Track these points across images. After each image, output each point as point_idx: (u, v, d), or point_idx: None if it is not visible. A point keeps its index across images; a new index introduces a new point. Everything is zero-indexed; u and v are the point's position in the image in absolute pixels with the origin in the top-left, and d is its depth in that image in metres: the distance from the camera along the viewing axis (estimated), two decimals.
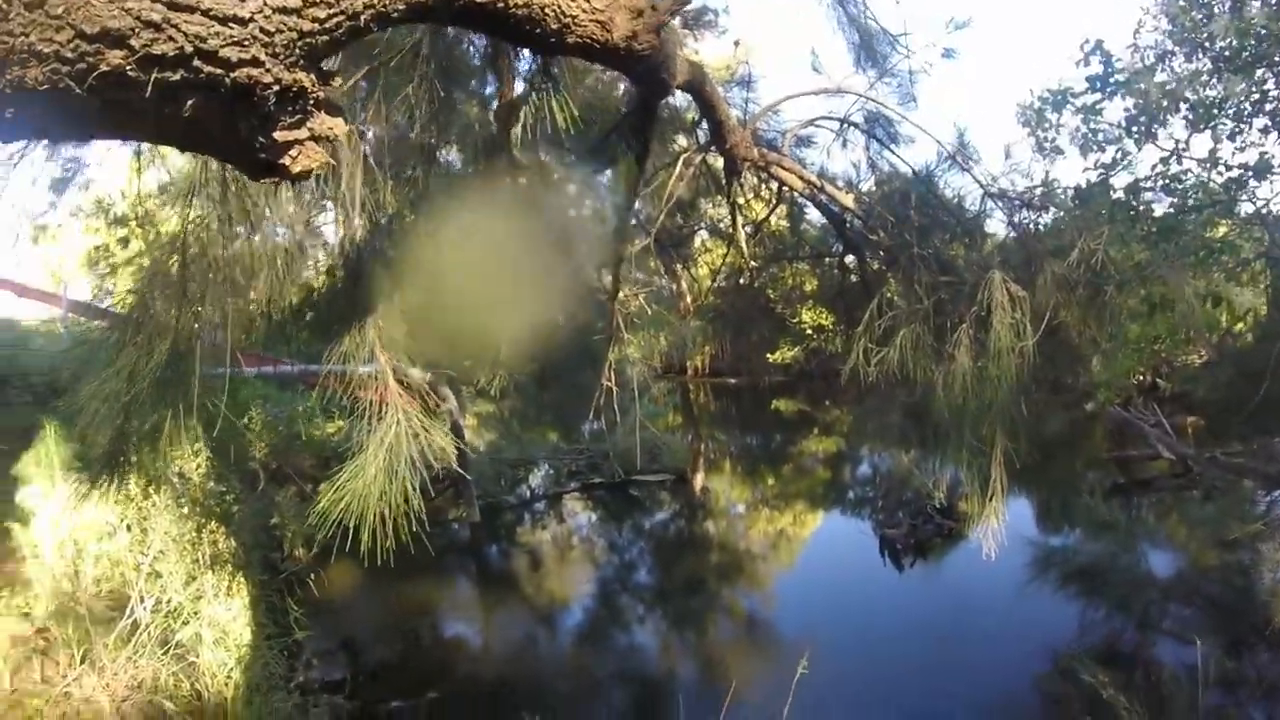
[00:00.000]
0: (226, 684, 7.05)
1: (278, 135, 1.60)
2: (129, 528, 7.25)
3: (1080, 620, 9.67)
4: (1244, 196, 8.65)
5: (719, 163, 6.30)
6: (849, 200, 5.36)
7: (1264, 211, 8.80)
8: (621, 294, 6.17)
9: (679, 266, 12.47)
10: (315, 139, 1.66)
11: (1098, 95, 8.39)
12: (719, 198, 7.83)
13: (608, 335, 6.21)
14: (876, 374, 4.77)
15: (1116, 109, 8.65)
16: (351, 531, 3.06)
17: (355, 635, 10.64)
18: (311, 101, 1.61)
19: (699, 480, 19.26)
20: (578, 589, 13.07)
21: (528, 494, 18.03)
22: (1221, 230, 9.28)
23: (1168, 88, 8.04)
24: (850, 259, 7.18)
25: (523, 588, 13.25)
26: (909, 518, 13.40)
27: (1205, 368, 19.52)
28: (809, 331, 27.29)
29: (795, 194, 5.89)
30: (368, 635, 10.70)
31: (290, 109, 1.58)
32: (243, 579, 8.27)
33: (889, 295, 5.71)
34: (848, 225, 6.30)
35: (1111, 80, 8.28)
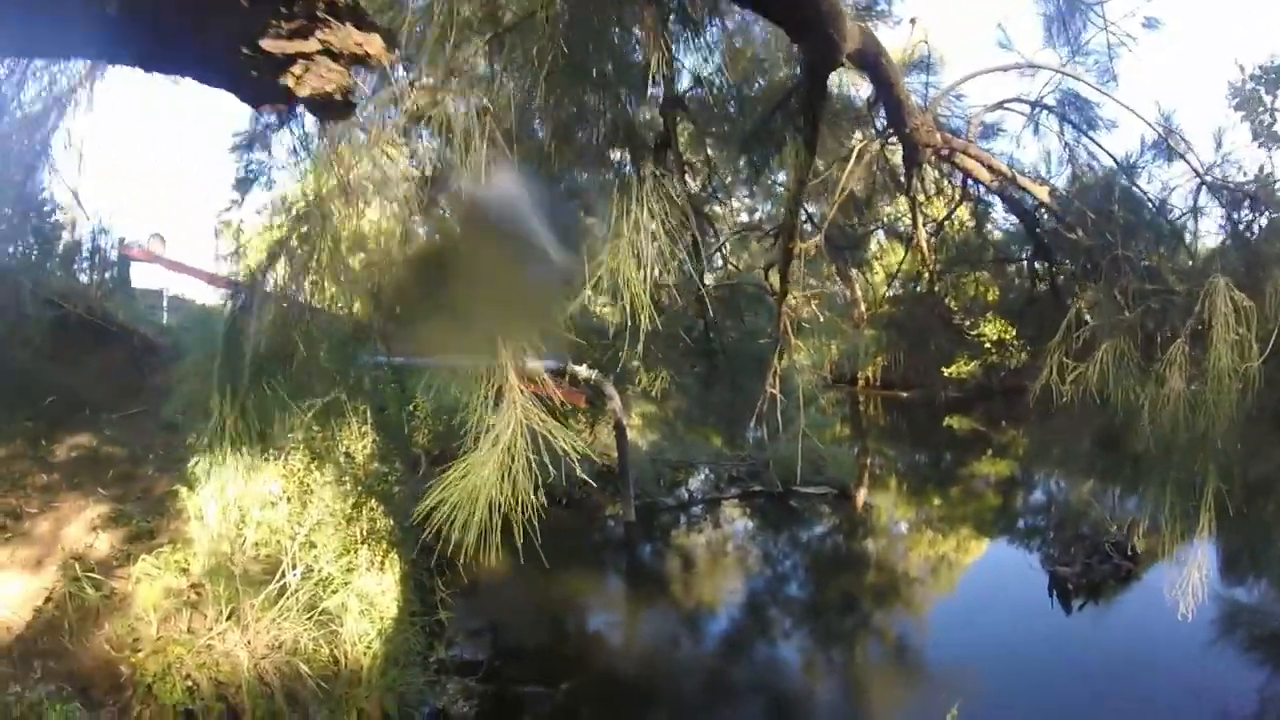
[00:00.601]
0: (366, 654, 7.18)
1: (267, 44, 1.28)
2: (289, 499, 7.49)
3: (1262, 692, 8.51)
4: None
5: (897, 156, 5.82)
6: (1043, 193, 4.75)
7: None
8: (791, 297, 5.79)
9: (853, 271, 11.96)
10: (333, 55, 1.34)
11: None
12: (897, 196, 7.27)
13: (775, 338, 5.85)
14: (1071, 394, 4.18)
15: None
16: (501, 521, 2.87)
17: (498, 620, 10.75)
18: (323, 5, 1.30)
19: (862, 496, 18.51)
20: (726, 596, 12.79)
21: (686, 496, 17.78)
22: None
23: None
24: (1041, 264, 6.52)
25: (670, 589, 13.12)
26: (1083, 555, 12.23)
27: None
28: (989, 345, 25.79)
29: (981, 188, 5.30)
30: (511, 621, 10.80)
31: (285, 9, 1.27)
32: (396, 556, 8.45)
33: (1084, 306, 5.06)
34: (1039, 225, 5.67)
35: None
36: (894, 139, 4.69)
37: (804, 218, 5.48)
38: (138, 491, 7.91)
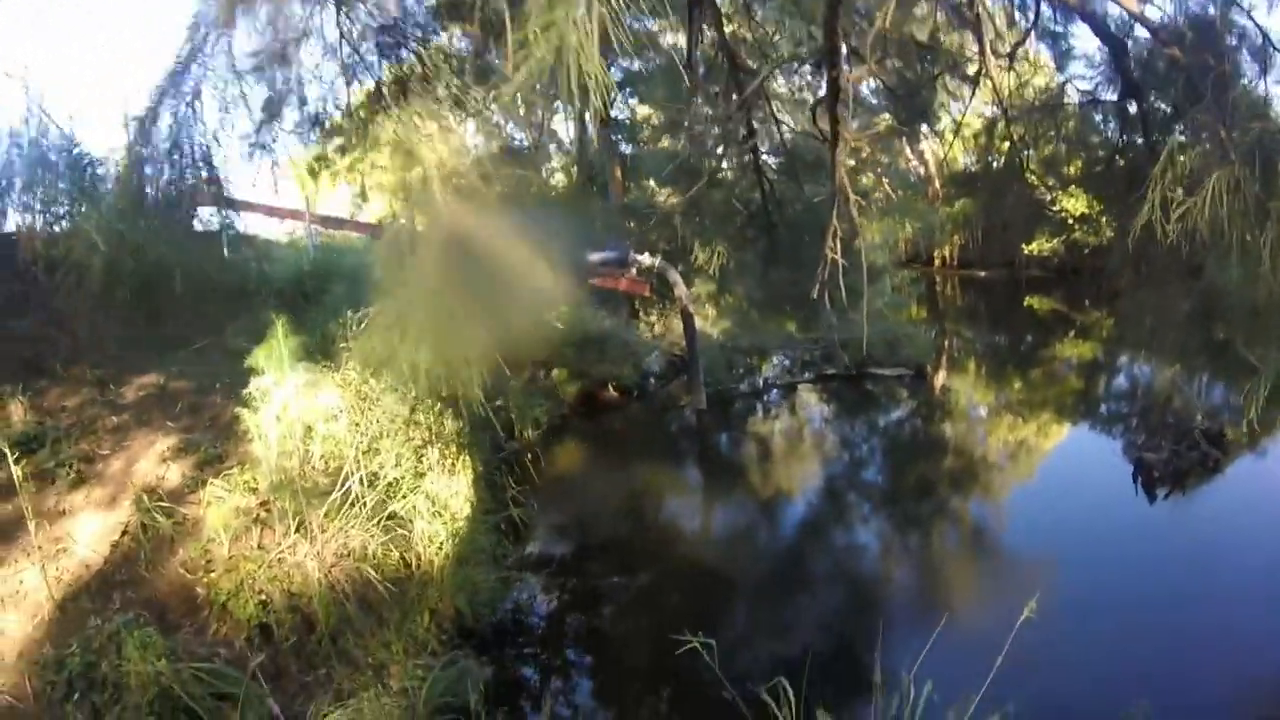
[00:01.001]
0: (438, 555, 7.19)
1: None
2: (348, 410, 7.43)
3: None
4: None
5: None
6: (1133, 2, 4.11)
7: None
8: (848, 147, 5.27)
9: (925, 143, 11.19)
10: None
11: None
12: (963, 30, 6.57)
13: (830, 197, 5.36)
14: (1171, 244, 3.67)
15: None
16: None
17: (574, 515, 10.85)
18: None
19: (940, 378, 18.03)
20: (800, 483, 12.58)
21: (760, 383, 17.68)
22: None
23: None
24: (1131, 105, 5.89)
25: (744, 477, 12.95)
26: (1170, 442, 11.48)
27: None
28: (1071, 221, 24.46)
29: (1058, 9, 4.66)
30: (586, 516, 10.82)
31: None
32: (467, 457, 8.49)
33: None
34: (1127, 53, 5.03)
35: None
36: None
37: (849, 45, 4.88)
38: (205, 421, 8.02)
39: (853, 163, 10.26)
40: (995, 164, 13.64)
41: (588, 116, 18.76)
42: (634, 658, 7.41)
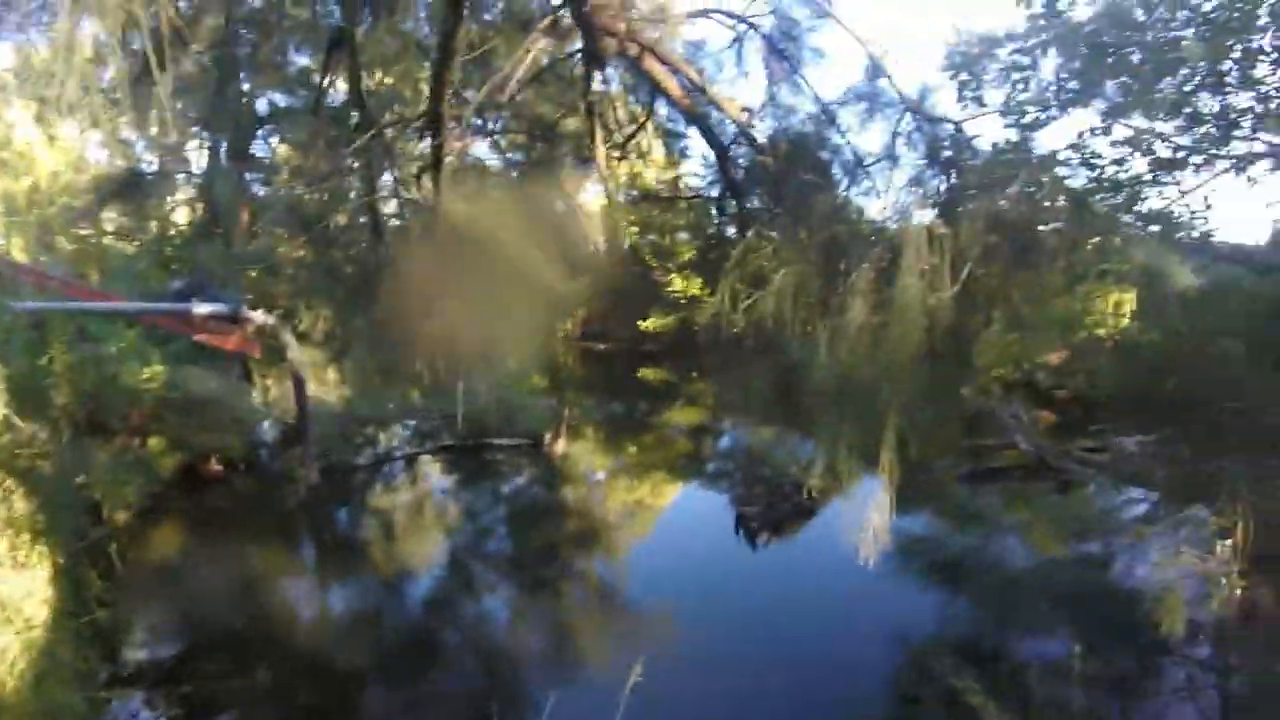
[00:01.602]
0: (10, 674, 5.77)
1: None
2: None
3: (941, 612, 9.25)
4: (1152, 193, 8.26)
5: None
6: (735, 110, 4.35)
7: (1166, 211, 8.34)
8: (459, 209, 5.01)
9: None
10: None
11: (1026, 59, 7.78)
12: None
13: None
14: (749, 335, 3.83)
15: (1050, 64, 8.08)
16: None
17: (173, 613, 9.45)
18: None
19: (560, 446, 18.32)
20: (421, 557, 12.06)
21: (379, 455, 16.66)
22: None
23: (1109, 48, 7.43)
24: (731, 202, 6.27)
25: (362, 556, 12.10)
26: (766, 495, 12.85)
27: (1070, 363, 20.26)
28: (682, 300, 26.73)
29: (671, 106, 4.82)
30: (188, 612, 9.41)
31: None
32: (43, 548, 6.94)
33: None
34: (728, 155, 5.34)
35: (1050, 27, 7.62)
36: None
37: (465, 106, 4.69)
38: None
39: None
40: (624, 244, 14.29)
41: (223, 148, 17.02)
42: None
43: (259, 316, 12.44)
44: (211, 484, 13.64)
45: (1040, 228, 4.13)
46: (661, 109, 5.58)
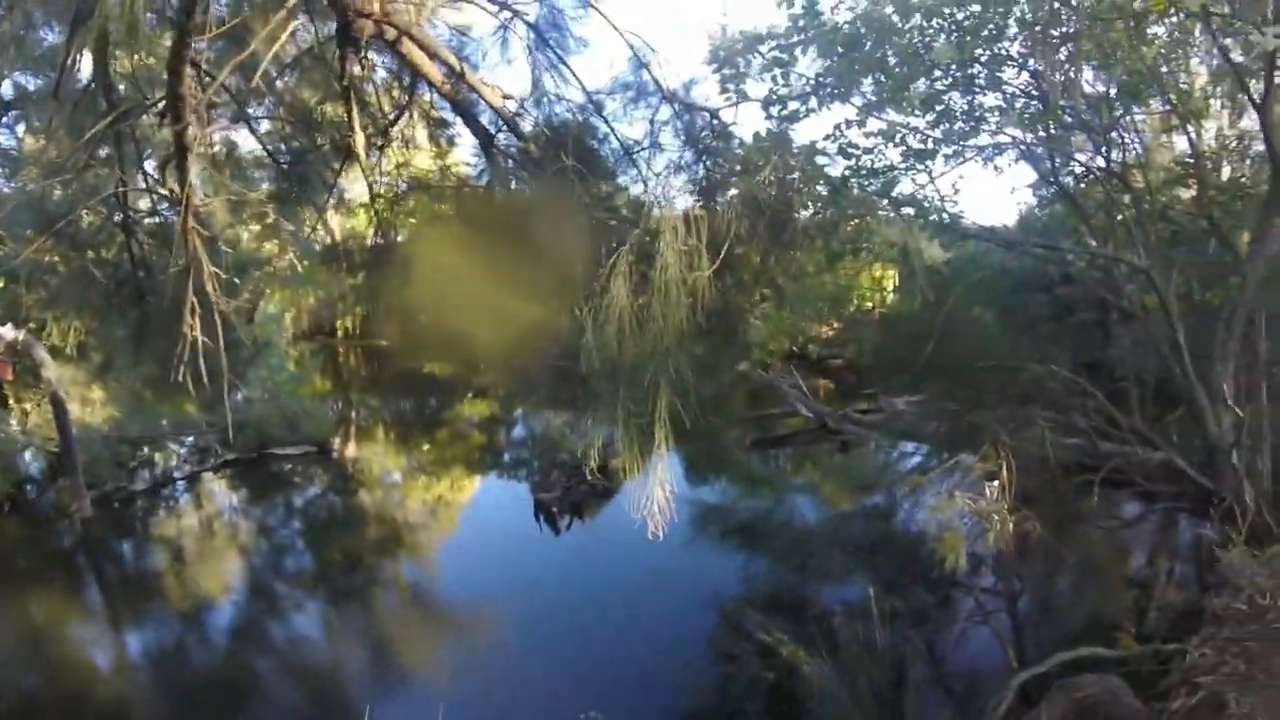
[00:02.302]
0: None
1: None
2: None
3: (743, 572, 9.76)
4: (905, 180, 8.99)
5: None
6: (496, 97, 4.32)
7: (918, 196, 9.12)
8: (206, 209, 4.69)
9: (324, 210, 10.82)
10: None
11: (786, 56, 8.22)
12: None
13: (186, 265, 4.70)
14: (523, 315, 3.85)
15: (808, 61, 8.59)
16: None
17: None
18: None
19: (350, 450, 17.67)
20: (219, 582, 11.22)
21: (155, 477, 15.48)
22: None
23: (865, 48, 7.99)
24: (499, 188, 6.22)
25: (154, 590, 11.11)
26: (564, 479, 12.96)
27: (841, 334, 21.86)
28: None
29: (433, 93, 4.73)
30: None
31: None
32: None
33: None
34: (494, 143, 5.30)
35: (810, 27, 8.08)
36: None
37: (208, 89, 4.38)
38: None
39: (257, 227, 9.55)
40: (396, 237, 13.90)
41: None
42: None
43: (7, 332, 11.07)
44: None
45: (798, 212, 4.41)
46: (426, 96, 5.46)
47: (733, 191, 3.87)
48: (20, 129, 16.53)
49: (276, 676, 8.71)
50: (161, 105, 5.77)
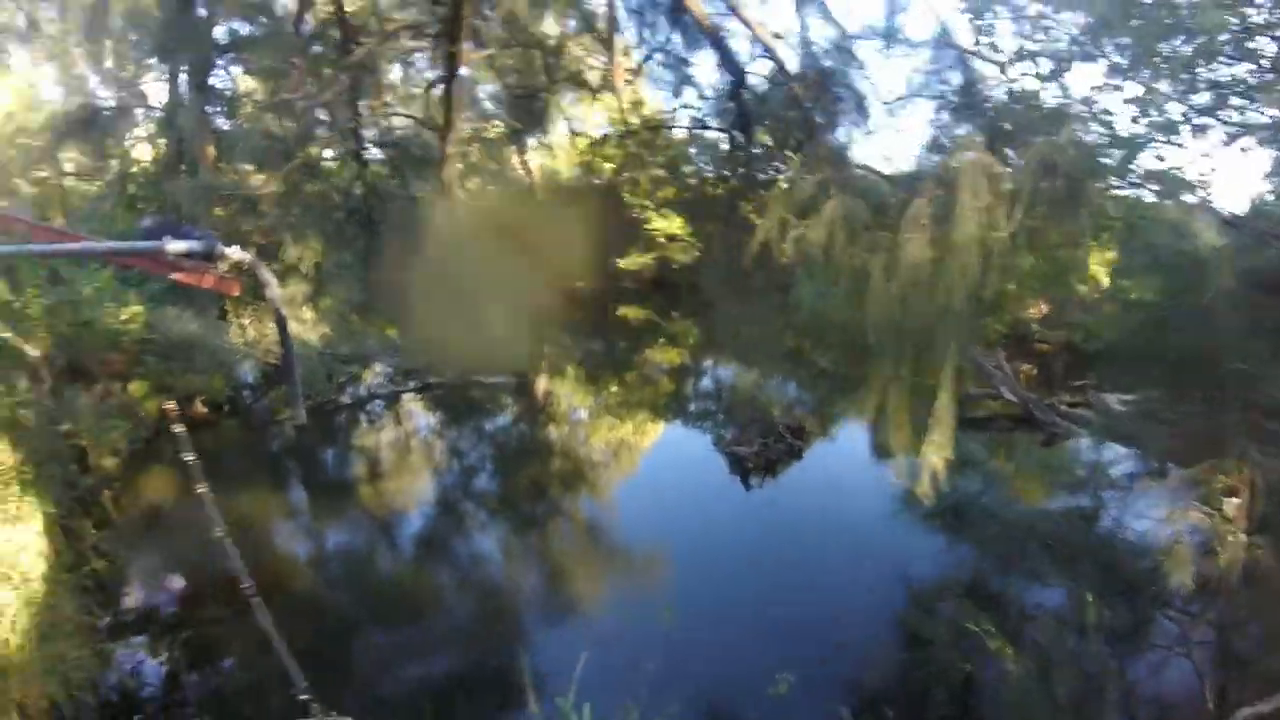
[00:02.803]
0: (12, 630, 5.57)
1: None
2: None
3: (941, 556, 9.19)
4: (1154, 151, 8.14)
5: None
6: (767, 34, 4.10)
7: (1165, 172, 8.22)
8: (461, 144, 4.77)
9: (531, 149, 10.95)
10: None
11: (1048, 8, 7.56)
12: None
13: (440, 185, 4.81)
14: (751, 273, 3.66)
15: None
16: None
17: (167, 559, 9.10)
18: None
19: (542, 384, 18.15)
20: (409, 495, 11.98)
21: (363, 394, 16.44)
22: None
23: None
24: (740, 135, 6.01)
25: (351, 492, 12.07)
26: (759, 435, 12.75)
27: (1050, 316, 20.34)
28: (662, 239, 26.34)
29: (694, 27, 4.55)
30: (182, 557, 8.99)
31: None
32: (33, 499, 6.57)
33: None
34: (744, 86, 5.08)
35: None
36: None
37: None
38: None
39: (461, 165, 9.77)
40: (596, 181, 13.99)
41: (183, 79, 16.25)
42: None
43: (235, 253, 11.85)
44: (198, 427, 13.28)
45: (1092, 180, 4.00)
46: (674, 34, 5.29)
47: (1030, 148, 3.50)
48: (235, 71, 17.82)
49: (451, 591, 9.15)
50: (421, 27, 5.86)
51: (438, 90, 5.61)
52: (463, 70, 4.22)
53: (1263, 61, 8.09)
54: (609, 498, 12.25)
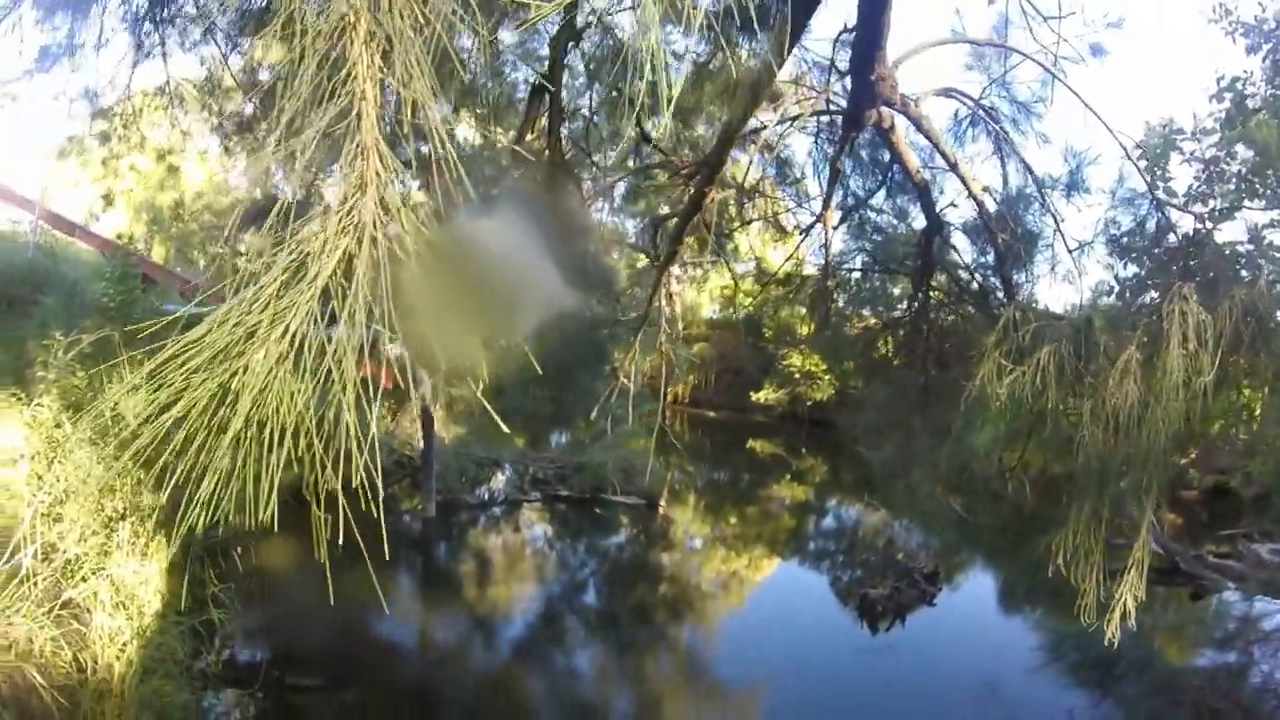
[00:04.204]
0: (119, 658, 5.88)
1: None
2: (32, 457, 6.06)
3: (1090, 713, 8.96)
4: None
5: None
6: (978, 187, 4.42)
7: None
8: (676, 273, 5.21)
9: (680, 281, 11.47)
10: None
11: (1215, 140, 7.68)
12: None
13: (642, 318, 5.23)
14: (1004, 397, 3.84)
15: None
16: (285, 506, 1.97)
17: (280, 619, 9.59)
18: None
19: (662, 508, 18.30)
20: (523, 601, 12.13)
21: (488, 495, 16.92)
22: None
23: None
24: (922, 279, 6.28)
25: (464, 591, 12.32)
26: (892, 578, 12.48)
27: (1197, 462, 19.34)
28: (797, 375, 26.67)
29: (906, 177, 4.91)
30: (294, 621, 9.51)
31: None
32: (163, 539, 6.95)
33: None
34: (940, 231, 5.40)
35: (1237, 121, 7.54)
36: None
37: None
38: None
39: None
40: (736, 316, 14.35)
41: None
42: None
43: (394, 349, 12.71)
44: (330, 503, 13.92)
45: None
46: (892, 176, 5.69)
47: (1232, 295, 3.65)
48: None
49: (537, 699, 9.09)
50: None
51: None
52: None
53: None
54: (744, 634, 11.93)
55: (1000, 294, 4.86)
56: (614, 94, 6.59)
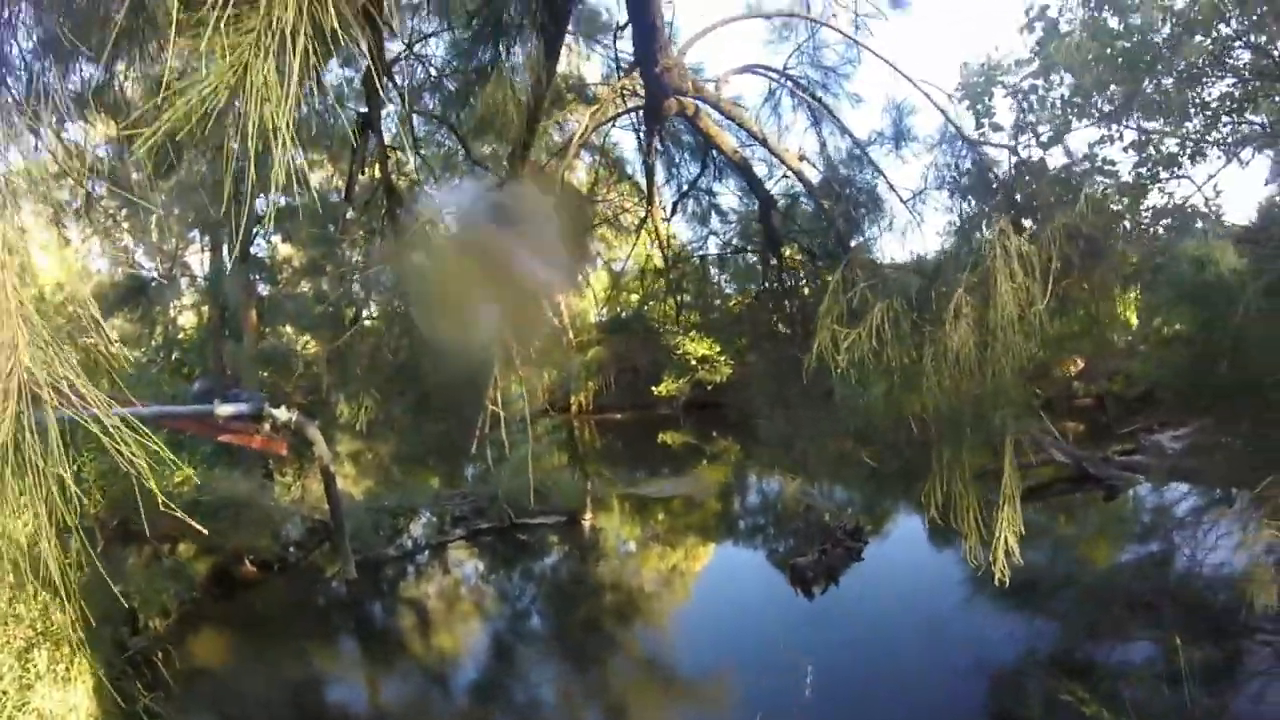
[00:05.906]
0: None
1: None
2: None
3: (1020, 633, 9.18)
4: (1158, 187, 8.44)
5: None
6: (794, 159, 4.43)
7: (1173, 205, 8.55)
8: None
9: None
10: None
11: (1033, 69, 8.00)
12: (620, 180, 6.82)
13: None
14: (845, 362, 3.84)
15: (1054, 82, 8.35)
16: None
17: (228, 716, 9.14)
18: None
19: (588, 520, 18.16)
20: (470, 642, 11.88)
21: (410, 544, 16.51)
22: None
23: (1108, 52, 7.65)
24: (770, 254, 6.32)
25: (407, 647, 11.87)
26: (817, 543, 12.67)
27: (1089, 370, 20.25)
28: (694, 362, 26.91)
29: (720, 159, 4.92)
30: (242, 714, 9.16)
31: None
32: (84, 661, 6.76)
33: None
34: (774, 207, 5.42)
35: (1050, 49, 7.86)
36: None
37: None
38: None
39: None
40: (624, 314, 14.38)
41: (225, 251, 17.33)
42: None
43: (282, 413, 12.24)
44: (248, 585, 13.51)
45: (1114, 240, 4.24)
46: (709, 165, 5.69)
47: (1052, 222, 3.74)
48: (275, 240, 19.07)
49: None
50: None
51: None
52: None
53: (1244, 72, 8.50)
54: (678, 624, 12.13)
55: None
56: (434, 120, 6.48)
